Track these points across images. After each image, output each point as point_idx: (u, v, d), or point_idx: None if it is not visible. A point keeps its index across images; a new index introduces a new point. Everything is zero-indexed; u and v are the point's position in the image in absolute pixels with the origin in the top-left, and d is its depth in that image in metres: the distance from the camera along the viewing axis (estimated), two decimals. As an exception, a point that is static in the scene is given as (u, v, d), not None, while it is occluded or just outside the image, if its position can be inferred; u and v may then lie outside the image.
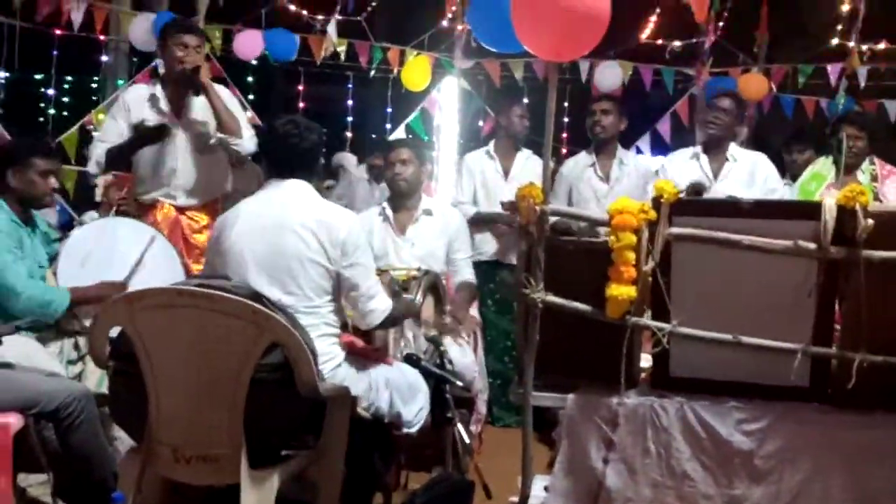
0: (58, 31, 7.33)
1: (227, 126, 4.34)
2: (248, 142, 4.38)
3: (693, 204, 3.11)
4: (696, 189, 4.29)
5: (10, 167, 3.60)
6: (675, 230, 2.77)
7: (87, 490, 3.20)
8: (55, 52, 7.59)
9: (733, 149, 4.80)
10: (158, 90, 4.43)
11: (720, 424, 2.81)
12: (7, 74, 7.69)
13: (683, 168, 4.74)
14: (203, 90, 4.30)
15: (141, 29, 7.16)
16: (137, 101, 4.41)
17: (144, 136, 4.26)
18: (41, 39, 7.41)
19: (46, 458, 3.20)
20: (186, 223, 4.43)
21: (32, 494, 3.46)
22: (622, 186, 5.14)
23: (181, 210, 4.43)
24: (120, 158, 4.38)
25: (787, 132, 6.97)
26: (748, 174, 4.71)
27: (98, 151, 4.35)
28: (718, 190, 4.54)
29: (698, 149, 4.85)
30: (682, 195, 2.82)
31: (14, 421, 3.03)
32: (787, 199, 4.17)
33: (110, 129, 4.40)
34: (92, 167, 4.42)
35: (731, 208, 2.83)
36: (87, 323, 3.50)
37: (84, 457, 3.17)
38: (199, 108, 4.41)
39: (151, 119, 4.33)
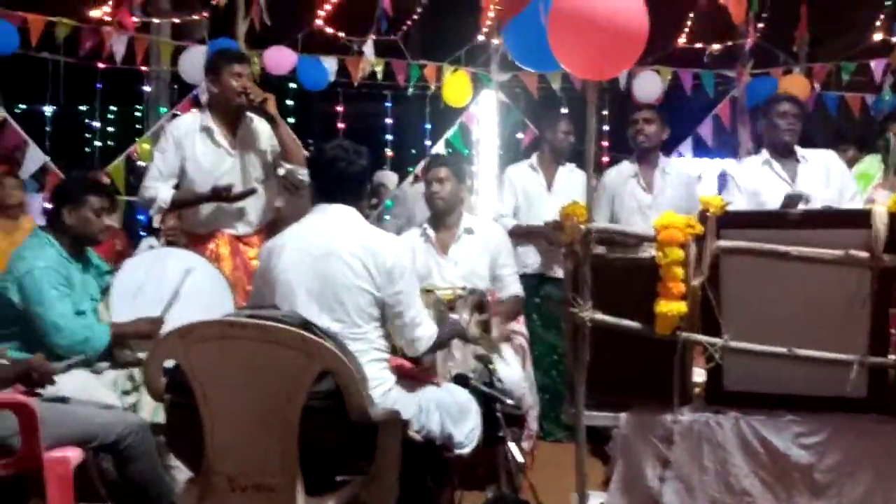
0: (101, 65, 7.48)
1: (294, 156, 4.39)
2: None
3: (740, 216, 3.07)
4: (794, 200, 4.14)
5: (65, 205, 3.68)
6: (723, 243, 2.74)
7: (147, 520, 3.24)
8: (99, 85, 7.75)
9: (799, 150, 4.66)
10: (209, 120, 4.42)
11: (778, 439, 2.77)
12: (53, 108, 7.86)
13: (757, 177, 4.60)
14: (272, 121, 4.34)
15: (191, 61, 7.26)
16: (189, 135, 4.40)
17: (229, 199, 4.27)
18: (85, 73, 7.56)
19: (106, 490, 3.25)
20: (243, 249, 4.46)
21: (94, 525, 3.51)
22: (666, 197, 5.10)
23: (238, 238, 4.46)
24: (184, 206, 4.44)
25: (831, 131, 6.88)
26: (824, 173, 4.58)
27: (153, 194, 4.34)
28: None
29: (766, 154, 4.69)
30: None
31: (74, 455, 3.09)
32: (836, 207, 4.07)
33: (162, 168, 4.39)
34: (154, 210, 4.47)
35: (779, 219, 2.80)
36: (140, 354, 3.55)
37: (143, 487, 3.21)
38: (255, 136, 4.45)
39: (207, 152, 4.37)
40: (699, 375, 2.93)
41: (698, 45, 8.26)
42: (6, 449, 3.04)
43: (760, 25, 8.05)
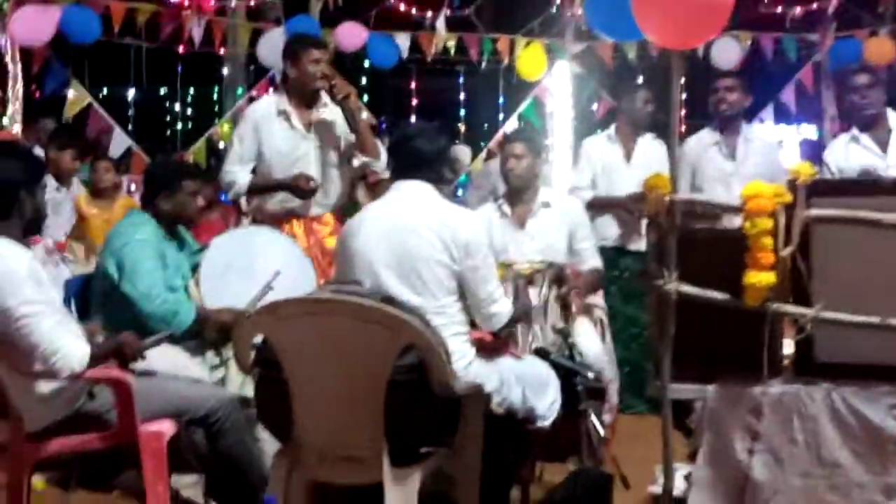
0: (180, 48, 7.63)
1: (370, 150, 4.48)
2: (384, 164, 4.50)
3: (830, 184, 3.00)
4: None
5: (161, 192, 3.77)
6: (813, 212, 2.67)
7: (239, 491, 3.32)
8: (179, 68, 7.91)
9: (892, 117, 4.52)
10: (286, 104, 4.50)
11: (871, 410, 2.70)
12: (135, 93, 8.06)
13: (848, 154, 4.51)
14: (352, 114, 4.41)
15: (267, 44, 7.36)
16: (266, 119, 4.49)
17: (295, 191, 4.38)
18: (165, 57, 7.72)
19: (198, 462, 3.35)
20: (317, 228, 4.54)
21: (186, 495, 3.61)
22: (749, 164, 4.99)
23: (312, 219, 4.55)
24: (260, 192, 4.55)
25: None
26: None
27: (232, 178, 4.50)
28: (892, 165, 4.29)
29: (854, 130, 4.58)
30: None
31: (167, 428, 3.17)
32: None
33: (241, 152, 4.51)
34: (233, 194, 4.61)
35: (870, 187, 2.73)
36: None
37: (233, 460, 3.29)
38: (331, 120, 4.51)
39: (284, 136, 4.46)
40: (788, 347, 2.88)
41: (779, 9, 8.03)
42: (103, 423, 3.14)
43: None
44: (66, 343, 2.94)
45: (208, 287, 3.79)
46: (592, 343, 4.13)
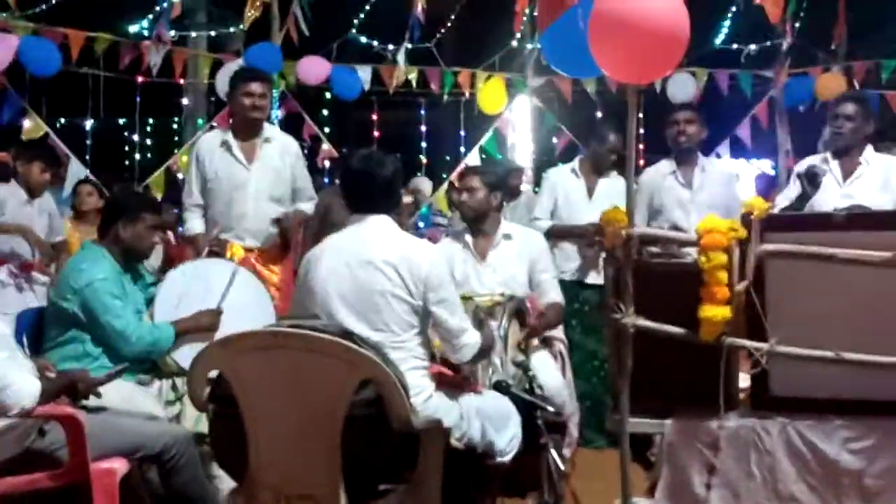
0: (139, 78, 7.59)
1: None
2: (309, 206, 4.88)
3: (784, 219, 3.04)
4: (811, 173, 4.10)
5: (120, 219, 3.73)
6: (768, 247, 2.70)
7: (193, 530, 3.26)
8: (138, 98, 7.87)
9: (868, 153, 4.55)
10: (230, 136, 4.67)
11: (826, 444, 2.73)
12: (93, 122, 7.98)
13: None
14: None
15: (226, 76, 7.35)
16: (210, 151, 4.67)
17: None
18: (124, 87, 7.68)
19: (151, 501, 3.28)
20: (254, 261, 4.62)
21: (140, 536, 3.53)
22: (706, 193, 5.05)
23: (248, 250, 4.64)
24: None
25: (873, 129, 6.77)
26: (882, 179, 4.47)
27: (189, 226, 4.73)
28: (846, 194, 4.33)
29: (827, 154, 4.61)
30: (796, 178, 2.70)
31: (120, 466, 3.10)
32: (882, 209, 4.00)
33: (193, 186, 4.70)
34: (191, 229, 4.73)
35: (824, 221, 2.76)
36: (185, 363, 3.58)
37: (187, 498, 3.22)
38: (271, 155, 4.68)
39: (223, 166, 4.62)
40: (744, 381, 2.90)
41: (735, 46, 8.19)
42: (54, 461, 3.07)
43: (797, 24, 7.96)
44: (16, 379, 2.87)
45: (163, 318, 3.74)
46: (552, 376, 4.13)
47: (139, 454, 3.18)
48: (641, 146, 9.13)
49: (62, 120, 9.35)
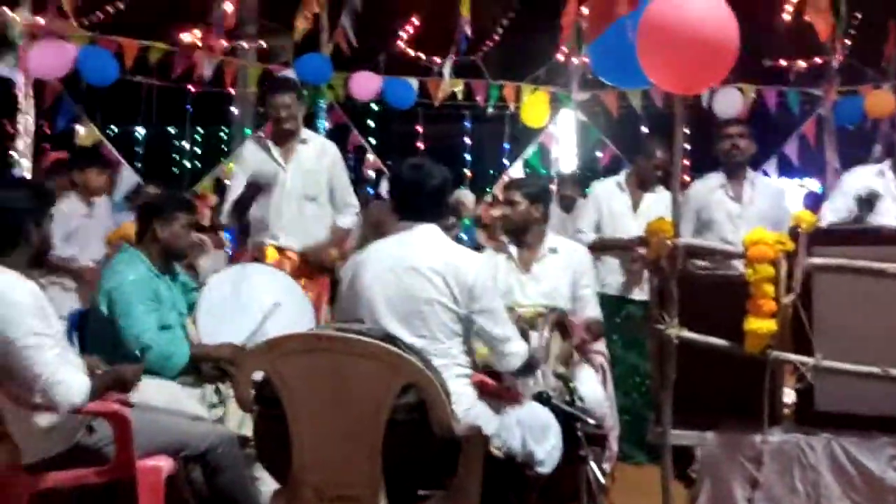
0: (191, 87, 7.72)
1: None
2: (348, 220, 5.00)
3: (832, 232, 3.00)
4: (870, 196, 4.09)
5: (157, 220, 3.79)
6: (815, 260, 2.68)
7: (235, 530, 3.29)
8: (189, 107, 8.00)
9: None
10: (268, 140, 4.94)
11: (871, 461, 2.69)
12: (146, 130, 8.14)
13: (871, 183, 4.48)
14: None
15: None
16: (253, 153, 4.90)
17: (251, 187, 4.68)
18: (176, 96, 7.81)
19: (195, 500, 3.32)
20: (287, 262, 4.72)
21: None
22: (755, 207, 5.01)
23: (281, 250, 4.75)
24: (241, 209, 4.79)
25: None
26: None
27: (227, 206, 4.87)
28: None
29: (885, 165, 4.56)
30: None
31: (165, 464, 3.17)
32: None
33: (235, 183, 4.86)
34: (224, 218, 4.96)
35: (872, 236, 2.73)
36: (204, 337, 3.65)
37: (230, 498, 3.27)
38: (307, 157, 4.83)
39: (266, 167, 4.78)
40: (789, 395, 2.87)
41: (784, 63, 8.12)
42: (101, 457, 3.13)
43: (848, 42, 7.87)
44: (68, 375, 2.94)
45: (205, 324, 3.80)
46: (594, 389, 4.11)
47: (184, 453, 3.23)
48: (687, 162, 9.11)
49: (115, 128, 9.54)
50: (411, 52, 8.25)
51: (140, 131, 8.03)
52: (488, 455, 3.15)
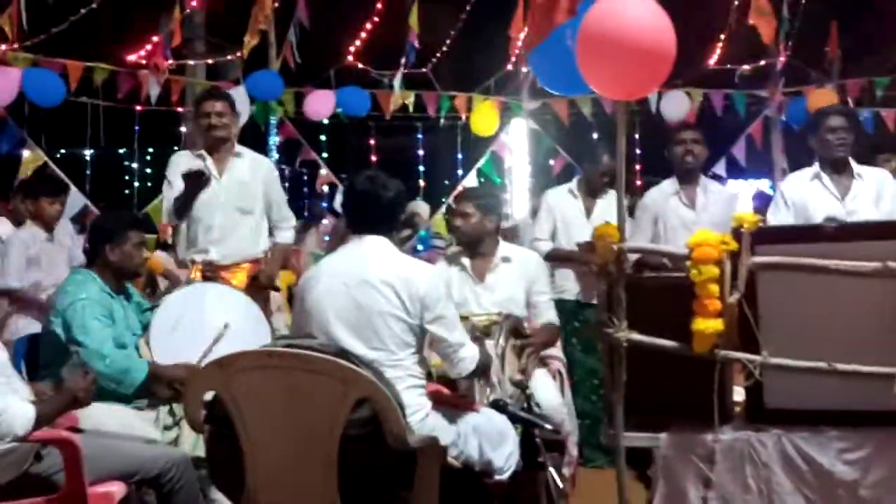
0: (138, 107, 7.64)
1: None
2: (287, 234, 4.97)
3: (774, 231, 3.06)
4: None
5: (107, 243, 3.74)
6: (759, 259, 2.72)
7: (190, 554, 3.25)
8: (137, 127, 7.92)
9: (856, 166, 4.53)
10: (203, 152, 4.78)
11: (821, 455, 2.73)
12: (92, 151, 8.04)
13: (806, 191, 4.51)
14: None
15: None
16: (185, 164, 4.71)
17: (190, 180, 4.56)
18: (123, 116, 7.73)
19: (149, 524, 3.28)
20: (227, 278, 4.60)
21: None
22: (709, 213, 5.06)
23: (208, 263, 4.61)
24: (183, 208, 4.66)
25: (865, 147, 6.81)
26: (876, 192, 4.46)
27: (167, 205, 4.75)
28: (850, 211, 4.30)
29: (816, 168, 4.57)
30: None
31: (117, 490, 3.12)
32: (872, 219, 4.01)
33: (170, 193, 4.72)
34: (166, 219, 4.84)
35: (814, 233, 2.78)
36: (180, 388, 3.59)
37: (185, 521, 3.23)
38: (241, 169, 4.75)
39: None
40: (739, 393, 2.90)
41: (729, 66, 8.26)
42: (51, 485, 3.07)
43: (791, 44, 8.03)
44: (10, 405, 2.88)
45: (158, 345, 3.76)
46: (550, 395, 4.13)
47: (136, 477, 3.18)
48: (638, 166, 9.21)
49: (62, 150, 9.41)
50: (360, 66, 8.25)
51: (87, 153, 7.93)
52: (445, 465, 3.15)
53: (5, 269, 5.19)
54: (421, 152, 9.38)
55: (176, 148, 9.63)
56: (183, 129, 8.59)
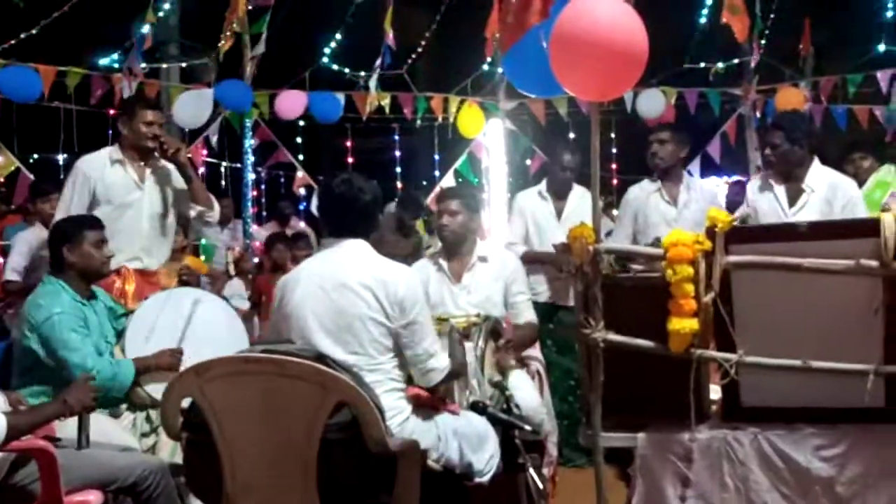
0: (111, 111, 7.57)
1: (203, 201, 4.69)
2: (217, 214, 4.87)
3: (748, 231, 3.08)
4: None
5: (64, 245, 3.71)
6: (732, 258, 2.74)
7: (169, 562, 3.23)
8: (110, 132, 7.84)
9: (812, 174, 4.53)
10: (119, 154, 4.52)
11: (797, 452, 2.76)
12: (66, 156, 7.96)
13: (758, 196, 4.63)
14: (182, 169, 4.58)
15: (183, 106, 7.38)
16: (98, 167, 4.48)
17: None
18: (96, 120, 7.66)
19: (126, 533, 3.25)
20: (147, 286, 4.46)
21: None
22: (690, 210, 5.09)
23: (142, 273, 4.46)
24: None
25: (840, 144, 6.88)
26: (826, 203, 4.47)
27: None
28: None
29: (768, 177, 4.66)
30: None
31: (94, 499, 3.09)
32: (844, 218, 4.05)
33: (70, 203, 4.41)
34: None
35: (787, 232, 2.80)
36: (157, 395, 3.56)
37: (163, 529, 3.21)
38: (165, 176, 4.61)
39: (116, 181, 4.46)
40: (715, 392, 2.92)
41: (703, 65, 8.31)
42: (27, 495, 3.04)
43: (764, 42, 8.09)
44: None
45: (133, 351, 3.73)
46: (529, 396, 4.14)
47: (114, 486, 3.15)
48: (615, 166, 9.25)
49: (35, 155, 9.32)
50: (336, 68, 8.23)
51: (60, 158, 7.85)
52: (426, 468, 3.15)
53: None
54: (398, 154, 9.37)
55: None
56: (157, 132, 8.52)
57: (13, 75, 6.66)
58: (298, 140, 8.75)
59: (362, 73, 8.17)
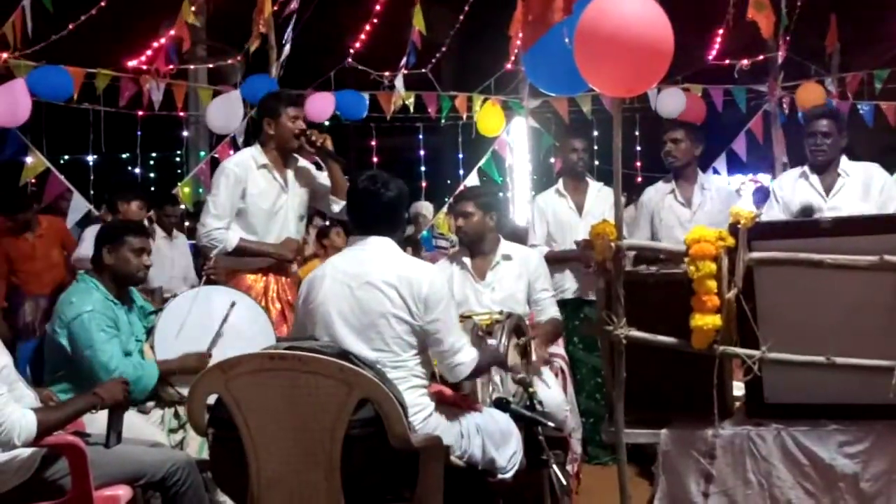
0: (140, 112, 7.65)
1: (345, 192, 4.41)
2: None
3: (771, 226, 3.06)
4: (806, 211, 4.18)
5: (105, 246, 3.76)
6: (756, 255, 2.74)
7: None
8: (139, 132, 7.93)
9: (844, 163, 4.58)
10: (264, 158, 4.42)
11: (821, 449, 2.75)
12: (95, 157, 8.06)
13: (795, 188, 4.60)
14: (329, 158, 4.50)
15: (217, 109, 7.42)
16: (248, 172, 4.39)
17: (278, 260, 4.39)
18: (125, 121, 7.75)
19: (155, 527, 3.30)
20: (275, 286, 4.47)
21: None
22: (705, 211, 5.06)
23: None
24: (245, 254, 4.37)
25: (866, 140, 6.82)
26: (862, 187, 4.50)
27: (218, 235, 4.29)
28: (832, 207, 4.37)
29: (806, 168, 4.65)
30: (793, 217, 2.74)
31: (123, 493, 3.15)
32: (869, 213, 4.03)
33: (220, 208, 4.34)
34: (215, 252, 4.30)
35: (811, 228, 2.79)
36: (184, 391, 3.60)
37: (191, 523, 3.25)
38: (303, 175, 4.57)
39: (266, 188, 4.38)
40: (738, 388, 2.92)
41: (728, 62, 8.26)
42: (58, 490, 3.09)
43: (790, 38, 8.02)
44: (11, 416, 2.91)
45: (163, 350, 3.77)
46: (553, 393, 4.15)
47: (142, 481, 3.21)
48: (638, 163, 9.21)
49: (65, 156, 9.44)
50: (361, 67, 8.26)
51: (90, 159, 7.95)
52: (449, 464, 3.16)
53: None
54: (422, 153, 9.39)
55: (179, 152, 9.74)
56: (185, 133, 8.62)
57: (45, 76, 6.75)
58: (324, 140, 8.79)
59: (387, 73, 8.19)
